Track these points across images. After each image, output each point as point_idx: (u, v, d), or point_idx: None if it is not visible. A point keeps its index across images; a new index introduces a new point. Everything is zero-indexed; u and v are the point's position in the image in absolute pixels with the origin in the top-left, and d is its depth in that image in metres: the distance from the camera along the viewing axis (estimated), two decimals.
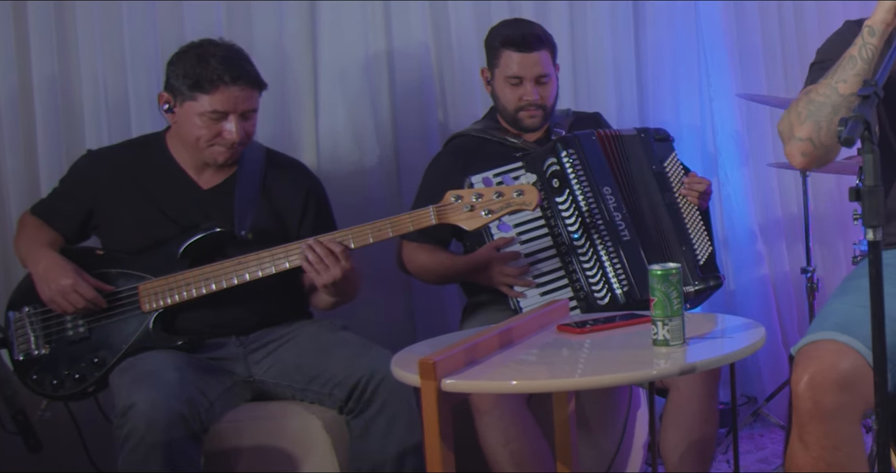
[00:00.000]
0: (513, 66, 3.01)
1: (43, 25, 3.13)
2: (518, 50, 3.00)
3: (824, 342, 2.01)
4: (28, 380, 2.69)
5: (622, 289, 2.78)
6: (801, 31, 4.07)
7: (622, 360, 2.08)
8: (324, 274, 2.55)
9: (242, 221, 2.74)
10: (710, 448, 2.68)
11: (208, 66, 2.63)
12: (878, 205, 1.71)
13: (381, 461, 2.55)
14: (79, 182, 2.80)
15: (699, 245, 2.94)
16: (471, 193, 2.53)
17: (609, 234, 2.81)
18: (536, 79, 3.01)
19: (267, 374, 2.71)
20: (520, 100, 3.02)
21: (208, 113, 2.65)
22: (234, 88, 2.65)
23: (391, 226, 2.58)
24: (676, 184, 2.98)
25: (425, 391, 1.91)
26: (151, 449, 2.36)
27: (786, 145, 2.23)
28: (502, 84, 3.04)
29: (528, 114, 3.04)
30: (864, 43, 2.14)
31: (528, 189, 2.52)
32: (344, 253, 2.56)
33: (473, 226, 2.54)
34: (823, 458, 1.97)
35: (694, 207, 2.97)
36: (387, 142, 3.51)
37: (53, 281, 2.63)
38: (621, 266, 2.80)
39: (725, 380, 3.80)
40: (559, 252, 2.86)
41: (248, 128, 2.72)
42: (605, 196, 2.85)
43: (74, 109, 3.20)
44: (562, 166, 2.84)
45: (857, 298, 2.11)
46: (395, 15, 3.50)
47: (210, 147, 2.70)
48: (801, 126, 2.18)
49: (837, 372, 1.96)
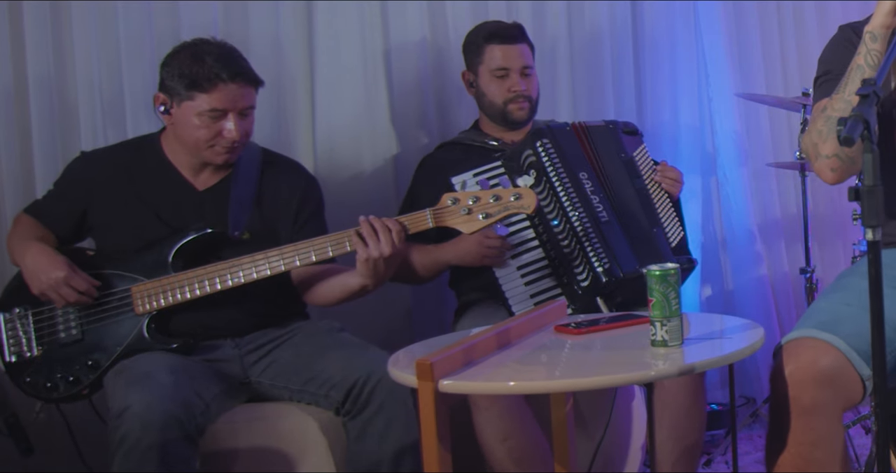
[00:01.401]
0: (497, 58, 3.08)
1: (38, 25, 3.12)
2: (503, 42, 3.08)
3: (805, 339, 2.04)
4: (21, 382, 2.67)
5: (603, 267, 2.80)
6: (800, 30, 4.07)
7: (620, 361, 2.07)
8: (373, 247, 2.50)
9: (237, 222, 2.72)
10: (697, 445, 2.69)
11: (204, 64, 2.62)
12: (878, 205, 1.71)
13: (378, 462, 2.54)
14: (72, 183, 2.79)
15: (670, 228, 2.99)
16: (468, 196, 2.51)
17: (588, 216, 2.85)
18: (521, 70, 3.09)
19: (263, 376, 2.70)
20: (508, 92, 3.08)
21: (207, 112, 2.63)
22: (232, 86, 2.63)
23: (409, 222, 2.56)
24: (647, 172, 3.03)
25: (422, 392, 1.90)
26: (147, 452, 2.34)
27: (813, 164, 2.25)
28: (488, 79, 3.10)
29: (518, 107, 3.10)
30: (868, 50, 2.15)
31: (525, 192, 2.50)
32: (400, 234, 2.52)
33: (471, 229, 2.52)
34: (801, 455, 2.00)
35: (664, 194, 3.03)
36: (384, 141, 3.51)
37: (44, 273, 2.61)
38: (601, 244, 2.82)
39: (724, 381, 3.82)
40: (541, 242, 2.89)
41: (246, 127, 2.70)
42: (581, 180, 2.89)
43: (70, 109, 3.19)
44: (538, 156, 2.89)
45: (843, 296, 2.14)
46: (393, 14, 3.50)
47: (210, 147, 2.68)
48: (824, 144, 2.18)
49: (816, 369, 1.98)
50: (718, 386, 3.87)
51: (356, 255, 2.54)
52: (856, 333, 2.00)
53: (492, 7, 3.59)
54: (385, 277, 2.60)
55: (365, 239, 2.51)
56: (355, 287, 2.65)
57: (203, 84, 2.61)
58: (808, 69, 4.05)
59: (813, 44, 4.03)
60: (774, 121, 4.06)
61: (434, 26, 3.56)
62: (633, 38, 3.85)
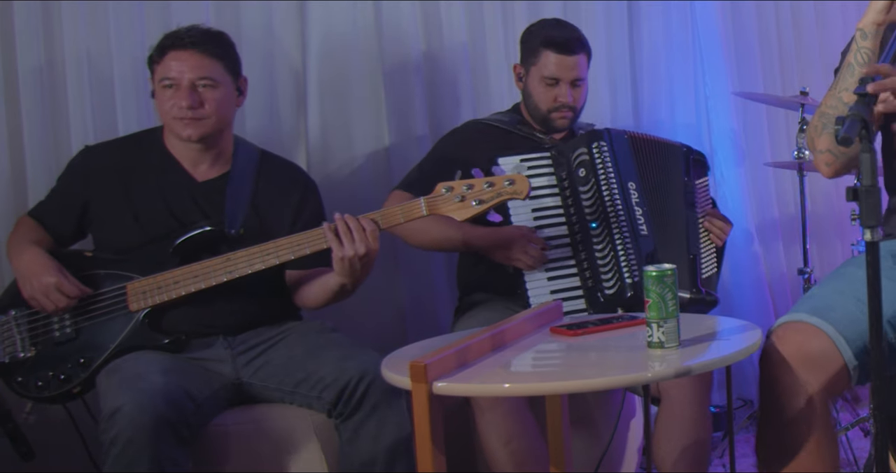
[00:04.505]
0: (551, 66, 3.01)
1: (29, 21, 3.10)
2: (559, 52, 3.01)
3: (795, 323, 2.09)
4: (13, 383, 2.66)
5: (633, 279, 2.77)
6: (798, 28, 4.06)
7: (617, 363, 2.06)
8: (348, 246, 2.49)
9: (233, 220, 2.71)
10: (704, 456, 2.66)
11: (168, 36, 2.65)
12: (876, 205, 1.70)
13: (371, 463, 2.53)
14: (74, 177, 2.78)
15: (707, 260, 2.96)
16: (461, 184, 2.50)
17: (628, 226, 2.82)
18: (572, 81, 3.03)
19: (255, 377, 2.69)
20: (554, 101, 3.04)
21: (161, 81, 2.65)
22: (182, 53, 2.63)
23: (381, 218, 2.55)
24: (702, 204, 3.01)
25: (416, 394, 1.88)
26: (138, 453, 2.33)
27: (814, 159, 2.31)
28: (537, 83, 3.05)
29: (560, 115, 3.05)
30: (858, 48, 2.18)
31: (518, 178, 2.49)
32: (374, 234, 2.51)
33: (464, 216, 2.51)
34: (782, 432, 2.05)
35: (709, 234, 3.00)
36: (377, 138, 3.50)
37: (35, 278, 2.61)
38: (636, 257, 2.79)
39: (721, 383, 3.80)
40: (573, 240, 2.86)
41: (208, 99, 2.66)
42: (628, 190, 2.86)
43: (60, 105, 3.17)
44: (591, 156, 2.86)
45: (838, 284, 2.18)
46: (386, 11, 3.48)
47: (173, 120, 2.67)
48: (819, 138, 2.25)
49: (803, 352, 2.03)
50: (716, 387, 3.85)
51: (332, 253, 2.53)
52: (846, 320, 2.06)
53: (486, 5, 3.58)
54: (363, 276, 2.60)
55: (340, 238, 2.50)
56: (335, 286, 2.64)
57: (158, 53, 2.66)
58: (807, 67, 4.06)
59: (811, 42, 4.02)
60: (772, 121, 4.05)
61: (427, 24, 3.55)
62: (629, 36, 3.84)
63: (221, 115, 2.70)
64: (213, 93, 2.67)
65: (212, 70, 2.66)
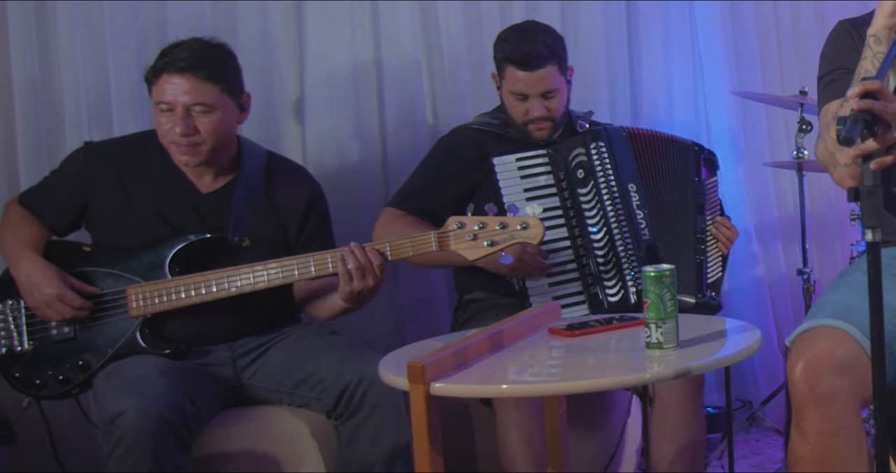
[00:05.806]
0: (518, 83, 2.92)
1: (23, 25, 3.09)
2: (521, 68, 2.90)
3: (820, 328, 2.00)
4: (10, 377, 2.65)
5: (637, 287, 2.75)
6: (798, 27, 4.05)
7: (615, 363, 2.06)
8: (358, 282, 2.49)
9: (238, 227, 2.68)
10: (699, 456, 2.65)
11: (164, 56, 2.59)
12: (877, 206, 1.69)
13: (370, 464, 2.52)
14: (74, 175, 2.73)
15: (713, 265, 2.93)
16: (473, 221, 2.46)
17: (630, 232, 2.80)
18: (543, 94, 2.93)
19: (254, 378, 2.68)
20: (526, 115, 2.95)
21: (157, 104, 2.60)
22: (177, 77, 2.56)
23: (391, 250, 2.53)
24: (711, 205, 2.97)
25: (414, 395, 1.88)
26: (141, 457, 2.32)
27: (832, 173, 2.21)
28: (508, 96, 2.97)
29: (537, 127, 2.97)
30: (874, 54, 2.13)
31: (533, 222, 2.45)
32: (381, 266, 2.51)
33: (474, 256, 2.48)
34: (821, 444, 1.95)
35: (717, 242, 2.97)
36: (373, 144, 3.49)
37: (37, 289, 2.59)
38: (638, 262, 2.77)
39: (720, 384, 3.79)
40: (573, 244, 2.83)
41: (203, 124, 2.60)
42: (629, 192, 2.83)
43: (55, 110, 3.16)
44: (589, 157, 2.82)
45: (850, 290, 2.12)
46: (383, 16, 3.47)
47: (170, 144, 2.63)
48: (840, 152, 2.14)
49: (833, 357, 1.95)
50: (714, 388, 3.85)
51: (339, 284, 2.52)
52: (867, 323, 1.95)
53: (484, 7, 3.57)
54: (369, 299, 2.60)
55: (351, 275, 2.49)
56: (340, 308, 2.67)
57: (153, 75, 2.60)
58: (806, 67, 4.05)
59: (811, 41, 4.01)
60: (771, 120, 4.03)
61: (425, 28, 3.54)
62: (628, 37, 3.83)
63: (218, 139, 2.64)
64: (209, 118, 2.60)
65: (207, 95, 2.58)
